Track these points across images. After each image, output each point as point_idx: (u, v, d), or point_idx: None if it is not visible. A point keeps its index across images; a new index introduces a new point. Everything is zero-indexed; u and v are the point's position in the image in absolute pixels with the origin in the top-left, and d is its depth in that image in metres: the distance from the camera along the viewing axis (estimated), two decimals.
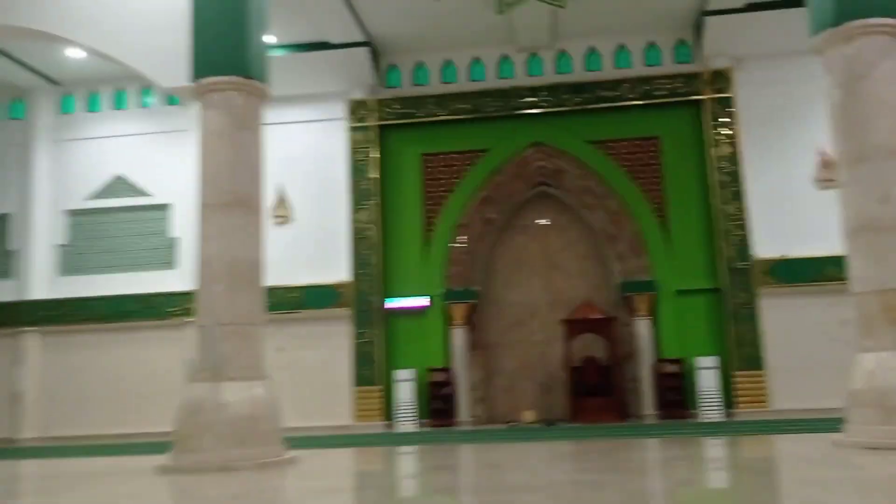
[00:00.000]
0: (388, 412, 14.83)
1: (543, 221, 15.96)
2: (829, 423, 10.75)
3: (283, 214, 15.56)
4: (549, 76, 15.46)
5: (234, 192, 8.65)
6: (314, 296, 15.24)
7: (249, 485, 6.48)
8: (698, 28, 14.76)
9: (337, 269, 15.30)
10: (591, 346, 15.07)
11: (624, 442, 9.88)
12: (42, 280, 15.92)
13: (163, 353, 15.34)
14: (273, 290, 15.11)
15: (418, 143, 15.75)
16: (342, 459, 8.95)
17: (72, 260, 16.11)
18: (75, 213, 16.24)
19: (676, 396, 14.25)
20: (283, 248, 15.32)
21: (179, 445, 8.15)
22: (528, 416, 14.37)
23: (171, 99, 16.04)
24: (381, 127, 15.69)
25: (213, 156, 8.74)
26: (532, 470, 6.65)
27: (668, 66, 15.17)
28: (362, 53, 15.08)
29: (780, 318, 14.13)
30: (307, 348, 15.17)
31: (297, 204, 15.63)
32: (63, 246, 16.17)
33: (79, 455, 11.07)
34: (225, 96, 8.73)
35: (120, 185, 16.19)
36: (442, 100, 15.57)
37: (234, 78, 8.73)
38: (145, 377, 15.27)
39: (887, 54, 7.93)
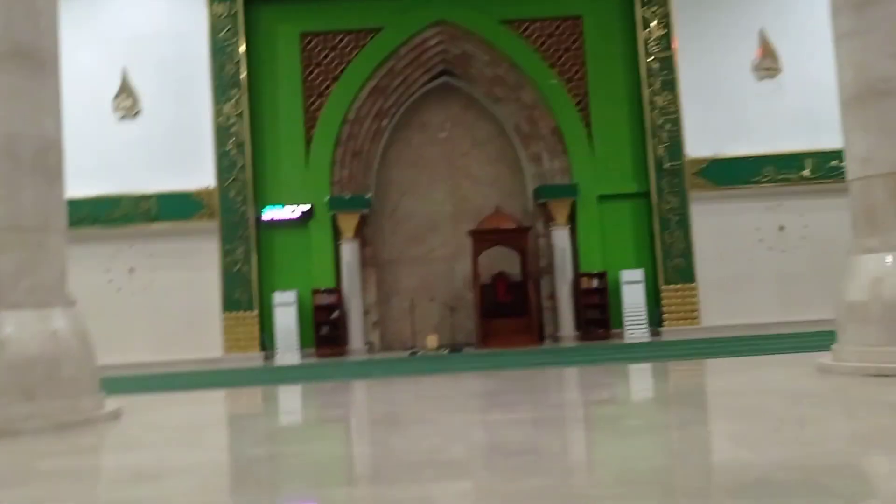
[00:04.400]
0: (265, 341, 12.56)
1: (444, 134, 13.62)
2: (784, 341, 9.25)
3: (127, 105, 12.68)
4: None
5: (9, 40, 5.94)
6: (171, 205, 12.54)
7: (15, 460, 4.17)
8: None
9: (198, 172, 12.59)
10: (502, 261, 13.14)
11: (543, 372, 8.02)
12: None
13: None
14: (119, 199, 12.51)
15: (296, 20, 13.02)
16: (186, 410, 6.66)
17: None
18: None
19: (599, 315, 12.58)
20: (131, 147, 12.58)
21: None
22: (431, 342, 12.40)
23: None
24: None
25: None
26: (441, 427, 4.59)
27: None
28: None
29: (713, 224, 12.53)
30: (165, 268, 12.55)
31: (147, 93, 12.73)
32: None
33: None
34: None
35: None
36: None
37: None
38: None
39: None
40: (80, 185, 11.73)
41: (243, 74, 12.62)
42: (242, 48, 12.66)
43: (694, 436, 3.89)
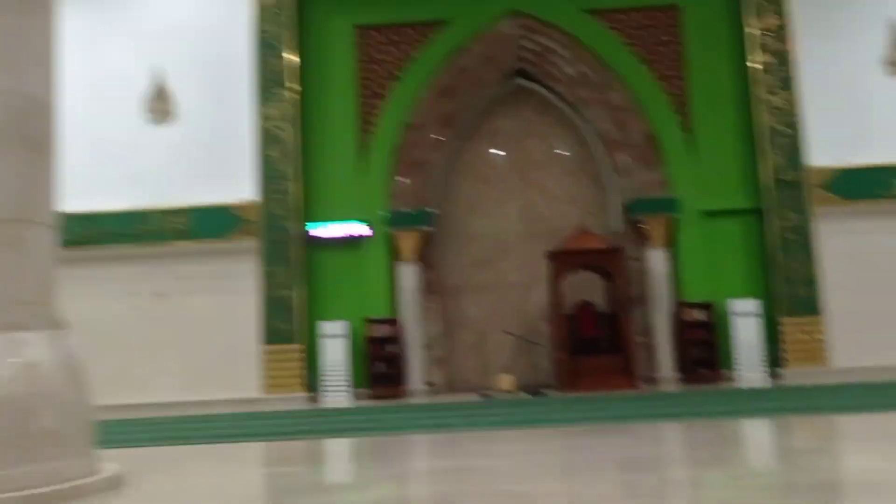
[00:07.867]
0: (311, 379, 10.79)
1: (498, 152, 11.93)
2: None
3: (162, 108, 11.18)
4: None
5: None
6: (206, 221, 10.96)
7: None
8: None
9: (238, 183, 11.02)
10: (583, 289, 11.26)
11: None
12: None
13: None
14: (149, 214, 10.95)
15: (351, 11, 11.52)
16: (213, 477, 4.87)
17: None
18: None
19: (705, 353, 10.62)
20: (164, 154, 11.07)
21: None
22: (505, 382, 10.50)
23: None
24: None
25: None
26: None
27: None
28: None
29: (843, 246, 10.56)
30: (197, 293, 10.93)
31: (182, 95, 11.25)
32: None
33: None
34: None
35: None
36: None
37: None
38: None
39: None
40: (103, 197, 10.33)
41: (291, 72, 11.06)
42: (290, 43, 11.12)
43: None
